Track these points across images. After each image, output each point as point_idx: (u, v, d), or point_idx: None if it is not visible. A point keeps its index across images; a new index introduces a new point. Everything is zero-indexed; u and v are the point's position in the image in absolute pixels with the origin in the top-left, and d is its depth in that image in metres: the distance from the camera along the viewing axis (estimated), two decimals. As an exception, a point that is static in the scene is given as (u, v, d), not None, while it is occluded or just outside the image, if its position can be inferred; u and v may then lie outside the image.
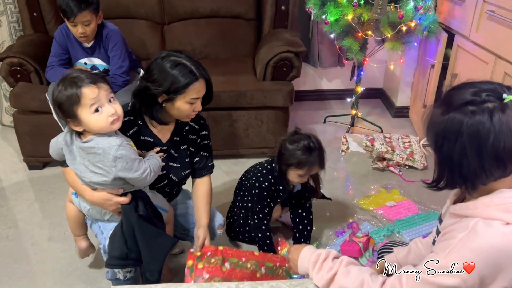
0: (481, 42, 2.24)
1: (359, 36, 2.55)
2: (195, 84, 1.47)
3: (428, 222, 2.17)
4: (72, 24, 2.20)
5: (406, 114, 3.28)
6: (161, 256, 1.49)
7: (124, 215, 1.46)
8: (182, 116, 1.57)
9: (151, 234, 1.47)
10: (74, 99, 1.31)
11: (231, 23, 3.01)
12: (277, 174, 1.87)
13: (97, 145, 1.35)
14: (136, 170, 1.40)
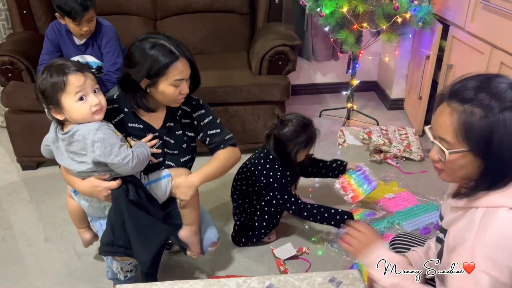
0: (476, 32, 2.24)
1: (355, 28, 2.54)
2: (176, 63, 1.41)
3: (428, 213, 2.17)
4: (77, 23, 2.17)
5: (401, 106, 3.29)
6: (153, 246, 1.45)
7: (113, 201, 1.42)
8: (168, 100, 1.50)
9: (143, 222, 1.43)
10: (59, 86, 1.31)
11: (224, 18, 2.98)
12: (281, 162, 1.89)
13: (77, 132, 1.34)
14: (116, 155, 1.35)
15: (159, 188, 1.55)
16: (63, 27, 2.30)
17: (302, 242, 2.04)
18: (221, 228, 2.13)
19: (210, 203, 2.32)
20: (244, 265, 1.92)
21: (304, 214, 1.88)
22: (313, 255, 1.96)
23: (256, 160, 1.95)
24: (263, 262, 1.93)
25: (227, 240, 2.06)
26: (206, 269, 1.90)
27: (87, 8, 2.12)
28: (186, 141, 1.64)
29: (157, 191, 1.55)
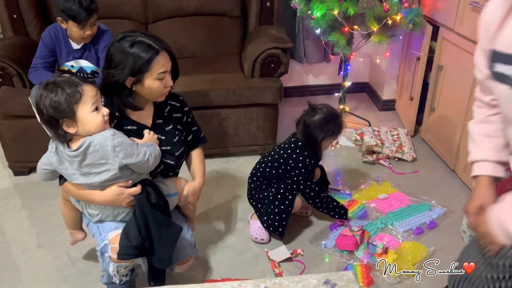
0: (465, 33, 2.27)
1: (346, 30, 2.56)
2: (157, 57, 1.45)
3: (420, 213, 2.19)
4: (81, 27, 2.16)
5: (392, 107, 3.31)
6: (172, 243, 1.50)
7: (138, 205, 1.45)
8: (155, 95, 1.53)
9: (162, 221, 1.48)
10: (76, 97, 1.34)
11: (216, 21, 2.99)
12: (308, 149, 1.99)
13: (92, 143, 1.36)
14: (137, 154, 1.42)
15: (170, 202, 1.61)
16: (60, 31, 2.28)
17: (296, 244, 2.04)
18: (214, 231, 2.13)
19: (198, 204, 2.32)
20: (238, 267, 1.93)
21: (316, 200, 2.02)
22: (307, 257, 1.97)
23: (283, 149, 2.03)
24: (257, 264, 1.94)
25: (221, 244, 2.06)
26: (200, 273, 1.90)
27: (92, 12, 2.12)
28: (177, 134, 1.68)
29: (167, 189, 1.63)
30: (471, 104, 2.26)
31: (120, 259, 1.46)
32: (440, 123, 2.62)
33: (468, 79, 2.26)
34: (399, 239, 2.03)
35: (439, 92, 2.61)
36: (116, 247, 1.46)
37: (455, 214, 2.20)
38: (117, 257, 1.45)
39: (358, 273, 1.85)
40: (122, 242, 1.44)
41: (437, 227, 2.12)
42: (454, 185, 2.43)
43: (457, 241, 1.99)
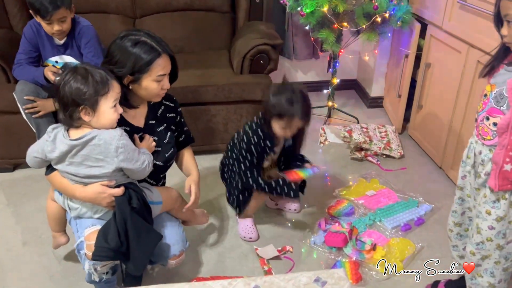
0: (453, 31, 2.29)
1: (335, 27, 2.56)
2: (158, 60, 1.45)
3: (408, 209, 2.21)
4: (47, 22, 2.11)
5: (380, 104, 3.33)
6: (149, 250, 1.49)
7: (118, 207, 1.44)
8: (151, 96, 1.53)
9: (142, 227, 1.46)
10: (104, 89, 1.35)
11: (205, 16, 2.96)
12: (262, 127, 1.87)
13: (97, 137, 1.37)
14: (136, 161, 1.42)
15: (153, 209, 1.58)
16: (41, 26, 2.24)
17: (285, 241, 2.04)
18: (203, 229, 2.12)
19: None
20: (228, 265, 1.92)
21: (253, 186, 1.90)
22: (296, 253, 1.97)
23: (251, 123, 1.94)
24: (247, 261, 1.93)
25: (211, 241, 2.05)
26: (190, 270, 1.89)
27: (57, 7, 2.05)
28: (169, 136, 1.67)
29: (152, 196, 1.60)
30: (458, 101, 2.28)
31: (95, 260, 1.45)
32: (428, 120, 2.65)
33: (455, 77, 2.28)
34: (387, 236, 2.05)
35: (426, 90, 2.63)
36: (91, 244, 1.44)
37: (442, 211, 2.22)
38: (92, 258, 1.44)
39: (347, 270, 1.86)
40: (98, 243, 1.42)
41: (424, 223, 2.14)
42: (441, 182, 2.45)
43: (444, 237, 2.01)
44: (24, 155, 1.49)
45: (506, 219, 1.36)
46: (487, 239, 1.40)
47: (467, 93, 2.19)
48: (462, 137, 2.27)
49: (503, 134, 1.26)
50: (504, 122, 1.26)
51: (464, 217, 1.60)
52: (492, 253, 1.42)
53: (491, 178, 1.32)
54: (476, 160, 1.42)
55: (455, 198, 1.60)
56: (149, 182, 1.65)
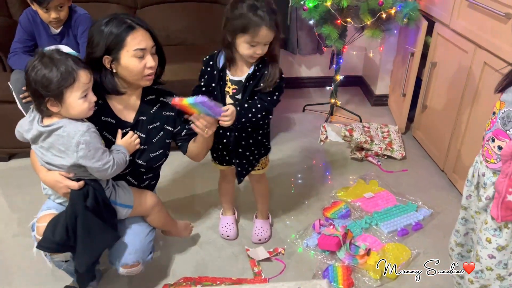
0: (461, 30, 2.20)
1: (338, 23, 2.48)
2: (133, 33, 1.39)
3: (406, 213, 2.15)
4: (44, 10, 2.07)
5: (385, 102, 3.25)
6: (95, 251, 1.45)
7: (71, 201, 1.41)
8: (136, 76, 1.44)
9: (94, 226, 1.42)
10: (68, 81, 1.30)
11: (208, 8, 2.91)
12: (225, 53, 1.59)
13: (62, 128, 1.33)
14: (98, 160, 1.36)
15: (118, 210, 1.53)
16: (37, 14, 2.21)
17: (278, 242, 2.00)
18: (194, 226, 2.08)
19: (180, 196, 2.27)
20: (218, 265, 1.88)
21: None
22: (288, 255, 1.93)
23: None
24: (237, 262, 1.89)
25: (201, 239, 2.02)
26: (177, 268, 1.86)
27: None
28: (160, 135, 1.59)
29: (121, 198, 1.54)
30: (463, 104, 2.20)
31: (39, 249, 1.44)
32: (432, 121, 2.57)
33: (461, 77, 2.20)
34: (383, 240, 1.99)
35: (432, 90, 2.55)
36: (41, 227, 1.43)
37: (441, 216, 2.16)
38: (36, 246, 1.43)
39: (338, 275, 1.81)
40: (45, 233, 1.41)
41: (422, 228, 2.08)
42: (443, 186, 2.38)
43: (442, 244, 1.97)
44: (20, 145, 1.51)
45: (508, 249, 1.24)
46: (487, 268, 1.29)
47: (472, 96, 2.11)
48: (466, 140, 2.19)
49: (507, 162, 1.15)
50: (509, 150, 1.14)
51: (467, 237, 1.48)
52: (492, 283, 1.30)
53: (493, 207, 1.21)
54: (479, 181, 1.30)
55: (459, 218, 1.48)
56: (130, 182, 1.60)
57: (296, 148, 2.73)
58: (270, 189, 2.07)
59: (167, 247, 1.96)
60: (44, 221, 1.44)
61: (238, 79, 1.61)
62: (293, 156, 2.65)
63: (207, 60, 1.67)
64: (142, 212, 1.62)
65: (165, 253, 1.92)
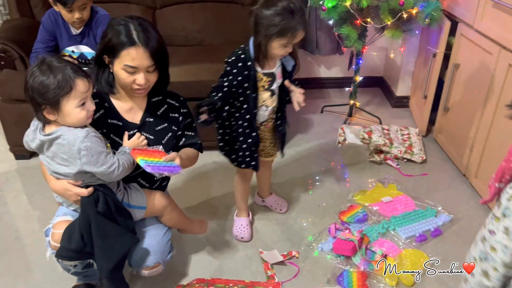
0: (485, 31, 2.13)
1: (358, 23, 2.43)
2: (130, 49, 1.35)
3: (425, 219, 2.09)
4: (68, 10, 2.11)
5: (406, 104, 3.18)
6: (115, 255, 1.43)
7: (82, 208, 1.41)
8: (123, 85, 1.45)
9: (109, 231, 1.42)
10: (65, 89, 1.28)
11: (226, 8, 2.90)
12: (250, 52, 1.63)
13: (62, 136, 1.32)
14: (102, 164, 1.35)
15: (133, 213, 1.54)
16: (59, 15, 2.24)
17: (292, 245, 1.98)
18: (208, 227, 2.07)
19: (195, 198, 2.27)
20: (231, 267, 1.87)
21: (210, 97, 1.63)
22: (302, 259, 1.90)
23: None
24: (250, 265, 1.88)
25: (215, 240, 2.01)
26: (191, 270, 1.86)
27: None
28: (168, 136, 1.59)
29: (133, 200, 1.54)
30: (486, 106, 2.13)
31: (58, 258, 1.45)
32: (454, 124, 2.50)
33: (485, 79, 2.13)
34: (400, 246, 1.95)
35: (454, 92, 2.48)
36: (55, 233, 1.44)
37: (462, 222, 2.10)
38: (55, 255, 1.44)
39: (353, 280, 1.78)
40: (62, 242, 1.41)
41: (441, 235, 2.03)
42: (464, 191, 2.31)
43: (461, 251, 1.91)
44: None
45: None
46: None
47: (496, 98, 2.04)
48: (489, 145, 2.12)
49: None
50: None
51: None
52: None
53: None
54: None
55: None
56: (141, 184, 1.60)
57: (314, 150, 2.70)
58: (287, 191, 2.10)
59: (181, 248, 1.96)
60: (59, 227, 1.45)
61: (270, 71, 1.69)
62: (310, 158, 2.62)
63: (235, 61, 1.65)
64: (155, 213, 1.62)
65: (179, 254, 1.92)
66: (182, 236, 1.98)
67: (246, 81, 1.65)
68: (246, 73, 1.63)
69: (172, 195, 1.85)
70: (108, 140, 1.50)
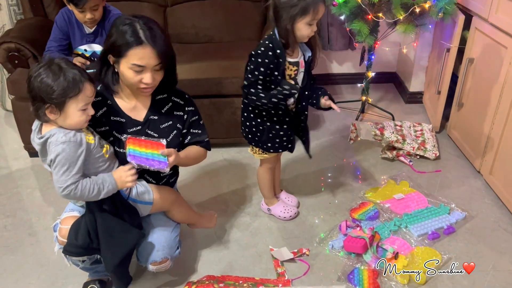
0: (500, 24, 2.08)
1: (369, 18, 2.40)
2: (137, 48, 1.36)
3: (438, 216, 2.06)
4: (80, 10, 2.13)
5: (419, 99, 3.14)
6: (120, 251, 1.45)
7: (87, 206, 1.43)
8: (130, 85, 1.46)
9: (115, 227, 1.43)
10: (73, 92, 1.30)
11: (236, 5, 2.89)
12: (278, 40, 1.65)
13: (50, 138, 1.33)
14: (55, 174, 1.32)
15: (138, 208, 1.54)
16: (73, 14, 2.27)
17: (303, 242, 1.97)
18: (218, 224, 2.08)
19: (205, 195, 2.27)
20: (241, 264, 1.87)
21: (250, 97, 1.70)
22: (313, 257, 1.89)
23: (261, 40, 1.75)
24: (260, 262, 1.88)
25: (225, 237, 2.01)
26: (201, 266, 1.86)
27: None
28: (173, 134, 1.59)
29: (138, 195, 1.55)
30: (501, 101, 2.09)
31: (65, 254, 1.48)
32: (468, 120, 2.45)
33: (499, 74, 2.08)
34: (412, 244, 1.92)
35: (468, 87, 2.43)
36: (63, 229, 1.46)
37: (475, 220, 2.06)
38: (63, 251, 1.46)
39: (364, 278, 1.76)
40: (69, 239, 1.44)
41: (455, 232, 1.99)
42: (478, 188, 2.27)
43: (475, 249, 1.88)
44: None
45: None
46: None
47: (511, 93, 2.00)
48: (504, 141, 2.08)
49: None
50: None
51: None
52: None
53: None
54: None
55: None
56: (148, 180, 1.60)
57: (326, 146, 2.68)
58: (298, 188, 2.14)
59: (192, 244, 1.97)
60: (67, 223, 1.47)
61: (295, 60, 1.72)
62: (322, 155, 2.60)
63: (264, 51, 1.65)
64: (162, 208, 1.63)
65: (189, 251, 1.93)
66: (192, 233, 1.98)
67: (276, 69, 1.67)
68: (276, 61, 1.65)
69: (182, 192, 1.86)
70: (110, 137, 1.52)
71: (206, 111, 2.43)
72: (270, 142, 1.85)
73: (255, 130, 1.84)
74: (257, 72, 1.66)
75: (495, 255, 1.86)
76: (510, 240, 1.94)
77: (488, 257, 1.85)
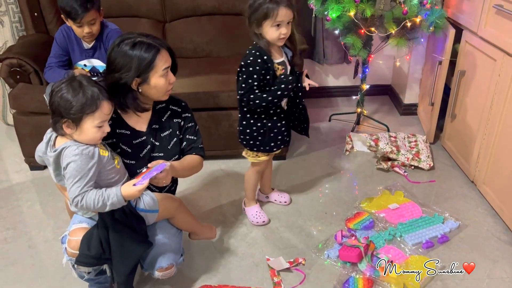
0: (489, 38, 2.14)
1: (362, 32, 2.47)
2: (159, 54, 1.47)
3: (432, 225, 2.09)
4: (78, 25, 2.18)
5: (414, 111, 3.19)
6: (130, 260, 1.49)
7: (100, 216, 1.46)
8: (161, 93, 1.54)
9: (125, 236, 1.47)
10: (91, 109, 1.35)
11: (233, 20, 2.96)
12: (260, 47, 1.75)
13: (63, 152, 1.38)
14: (68, 185, 1.37)
15: (146, 217, 1.58)
16: (72, 30, 2.32)
17: (299, 252, 1.99)
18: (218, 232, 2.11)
19: (203, 206, 2.30)
20: (237, 273, 1.90)
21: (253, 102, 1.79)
22: (309, 266, 1.92)
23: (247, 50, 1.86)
24: (257, 272, 1.90)
25: (222, 247, 2.04)
26: (198, 276, 1.88)
27: (87, 9, 2.11)
28: (174, 142, 1.66)
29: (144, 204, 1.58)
30: (492, 112, 2.13)
31: (78, 264, 1.50)
32: (461, 130, 2.50)
33: (490, 86, 2.13)
34: (407, 253, 1.95)
35: (460, 99, 2.48)
36: (72, 240, 1.48)
37: (469, 229, 2.09)
38: (75, 262, 1.49)
39: (359, 287, 1.78)
40: (81, 250, 1.46)
41: (448, 241, 2.02)
42: (472, 197, 2.31)
43: (468, 258, 1.90)
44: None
45: None
46: None
47: (502, 105, 2.05)
48: (496, 150, 2.12)
49: None
50: None
51: None
52: None
53: None
54: None
55: None
56: (151, 189, 1.64)
57: (322, 158, 2.72)
58: (295, 198, 2.23)
59: (189, 255, 1.99)
60: (76, 234, 1.50)
61: (281, 60, 1.85)
62: (318, 166, 2.64)
63: (254, 59, 1.75)
64: (167, 215, 1.67)
65: (187, 261, 1.95)
66: (190, 243, 2.01)
67: (268, 73, 1.78)
68: (266, 66, 1.76)
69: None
70: (117, 149, 1.56)
71: (204, 124, 2.47)
72: (272, 141, 1.96)
73: (256, 135, 1.92)
74: (251, 80, 1.76)
75: (488, 263, 1.89)
76: (503, 248, 1.97)
77: (482, 266, 1.88)
